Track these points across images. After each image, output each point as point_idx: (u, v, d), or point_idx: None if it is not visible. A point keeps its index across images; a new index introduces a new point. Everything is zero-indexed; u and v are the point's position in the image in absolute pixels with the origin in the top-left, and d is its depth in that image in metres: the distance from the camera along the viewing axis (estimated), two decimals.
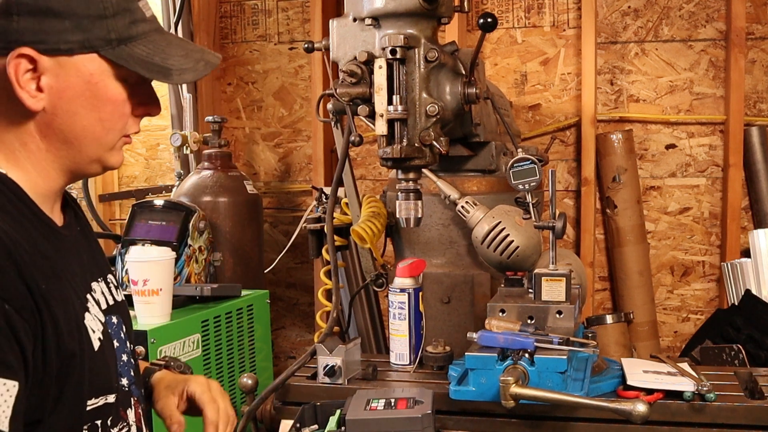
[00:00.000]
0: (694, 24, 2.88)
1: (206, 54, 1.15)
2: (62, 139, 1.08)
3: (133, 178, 3.50)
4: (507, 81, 3.03)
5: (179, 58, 1.10)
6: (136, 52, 1.07)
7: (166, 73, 1.09)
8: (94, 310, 1.11)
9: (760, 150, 2.81)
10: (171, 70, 1.09)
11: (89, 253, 1.21)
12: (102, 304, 1.16)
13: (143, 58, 1.07)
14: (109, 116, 1.09)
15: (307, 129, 3.26)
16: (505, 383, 1.34)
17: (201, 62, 1.13)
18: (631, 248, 2.88)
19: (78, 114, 1.07)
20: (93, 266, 1.19)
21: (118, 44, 1.06)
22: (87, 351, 1.05)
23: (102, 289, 1.18)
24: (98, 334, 1.09)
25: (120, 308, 1.23)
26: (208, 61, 1.13)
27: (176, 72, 1.09)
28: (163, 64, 1.08)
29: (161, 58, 1.09)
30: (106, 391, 1.10)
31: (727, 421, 1.47)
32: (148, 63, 1.07)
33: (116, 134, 1.12)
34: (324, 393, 1.64)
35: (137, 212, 2.51)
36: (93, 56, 1.06)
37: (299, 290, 3.34)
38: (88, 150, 1.10)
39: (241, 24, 3.31)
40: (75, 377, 1.03)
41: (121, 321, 1.21)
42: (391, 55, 1.54)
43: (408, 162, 1.59)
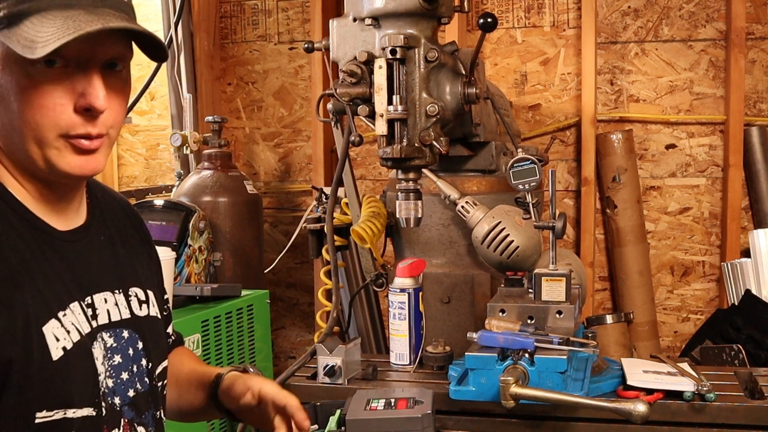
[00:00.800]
0: (694, 24, 2.88)
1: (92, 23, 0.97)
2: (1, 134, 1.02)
3: (133, 178, 3.50)
4: (507, 81, 3.03)
5: (56, 29, 0.96)
6: (22, 30, 0.96)
7: (31, 46, 0.95)
8: (72, 319, 1.03)
9: (760, 150, 2.81)
10: (36, 43, 0.95)
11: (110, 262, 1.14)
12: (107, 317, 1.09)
13: (23, 34, 0.96)
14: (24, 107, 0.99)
15: (307, 129, 3.26)
16: (505, 383, 1.34)
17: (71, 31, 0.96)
18: (631, 248, 2.88)
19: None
20: (108, 276, 1.13)
21: (8, 24, 0.97)
22: (37, 359, 0.98)
23: (116, 301, 1.12)
24: (63, 343, 1.01)
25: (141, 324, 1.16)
26: (79, 29, 0.96)
27: (41, 44, 0.94)
28: (32, 37, 0.95)
29: (36, 31, 0.96)
30: (65, 404, 1.01)
31: (727, 421, 1.47)
32: (24, 38, 0.95)
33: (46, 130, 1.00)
34: (324, 393, 1.64)
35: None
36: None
37: (299, 290, 3.34)
38: (24, 147, 1.01)
39: (241, 24, 3.31)
40: (15, 385, 0.96)
41: (137, 337, 1.14)
42: (391, 55, 1.54)
43: (408, 162, 1.59)
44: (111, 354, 1.09)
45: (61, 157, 1.01)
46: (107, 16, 1.00)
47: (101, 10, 1.00)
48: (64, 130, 1.00)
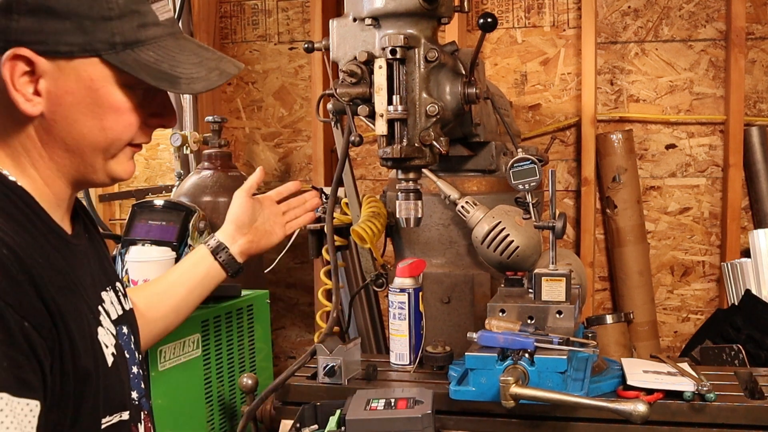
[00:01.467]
0: (694, 24, 2.88)
1: (223, 62, 1.07)
2: (63, 147, 1.03)
3: (133, 178, 3.50)
4: (507, 81, 3.03)
5: (190, 66, 1.03)
6: (142, 58, 1.00)
7: (173, 81, 1.01)
8: (106, 323, 1.07)
9: (760, 150, 2.81)
10: (179, 79, 1.01)
11: (98, 261, 1.17)
12: (112, 315, 1.12)
13: (149, 65, 1.00)
14: (113, 125, 1.03)
15: (307, 129, 3.26)
16: (505, 383, 1.34)
17: (215, 71, 1.05)
18: (631, 248, 2.88)
19: (78, 121, 1.01)
20: (102, 275, 1.15)
21: (123, 48, 0.99)
22: (101, 368, 1.02)
23: (111, 299, 1.15)
24: (111, 348, 1.05)
25: (129, 317, 1.19)
26: (223, 71, 1.05)
27: (185, 81, 1.01)
28: (171, 72, 1.01)
29: (170, 65, 1.01)
30: (120, 408, 1.07)
31: (727, 421, 1.47)
32: (155, 70, 1.00)
33: (120, 144, 1.06)
34: (324, 393, 1.64)
35: (137, 212, 2.51)
36: (94, 60, 0.99)
37: (299, 290, 3.34)
38: (91, 159, 1.05)
39: (241, 24, 3.31)
40: (91, 396, 0.99)
41: (130, 331, 1.18)
42: (391, 55, 1.54)
43: (408, 162, 1.59)
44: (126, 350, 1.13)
45: (120, 165, 1.07)
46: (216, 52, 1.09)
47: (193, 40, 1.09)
48: (132, 140, 1.07)
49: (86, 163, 1.05)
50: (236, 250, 1.64)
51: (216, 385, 2.05)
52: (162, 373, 1.83)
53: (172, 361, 1.88)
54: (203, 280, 1.61)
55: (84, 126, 1.02)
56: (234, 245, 1.64)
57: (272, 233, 1.73)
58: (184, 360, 1.93)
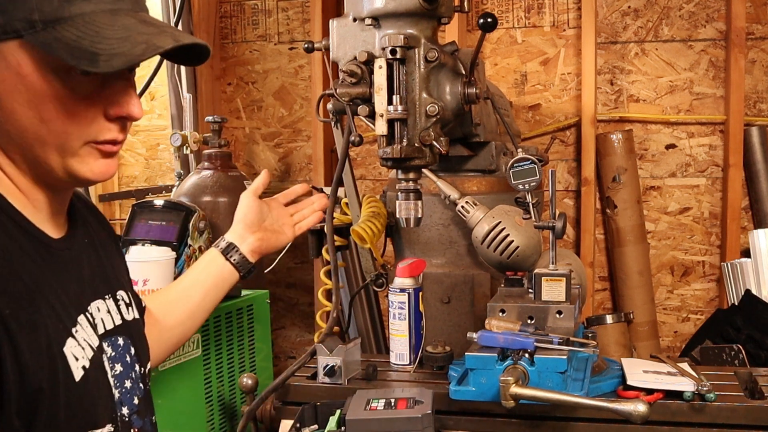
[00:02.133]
0: (694, 24, 2.88)
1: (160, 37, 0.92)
2: (12, 143, 0.93)
3: (133, 178, 3.50)
4: (507, 81, 3.03)
5: (115, 41, 0.89)
6: (63, 36, 0.88)
7: (92, 58, 0.87)
8: (83, 335, 0.98)
9: (760, 150, 2.81)
10: (98, 55, 0.87)
11: (97, 267, 1.09)
12: (102, 326, 1.05)
13: (69, 42, 0.88)
14: (52, 116, 0.91)
15: (307, 129, 3.26)
16: (505, 383, 1.34)
17: (141, 45, 0.90)
18: (631, 248, 2.88)
19: (16, 112, 0.91)
20: (99, 282, 1.08)
21: (43, 27, 0.88)
22: (63, 383, 0.92)
23: (108, 308, 1.07)
24: (83, 362, 0.96)
25: (130, 328, 1.12)
26: (151, 44, 0.91)
27: (104, 57, 0.87)
28: (90, 48, 0.88)
29: (91, 41, 0.88)
30: (92, 425, 0.98)
31: (727, 421, 1.47)
32: (73, 47, 0.87)
33: (73, 139, 0.94)
34: (324, 393, 1.64)
35: (137, 212, 2.51)
36: (16, 43, 0.89)
37: (299, 290, 3.34)
38: (43, 156, 0.94)
39: (241, 24, 3.31)
40: (45, 413, 0.90)
41: (130, 342, 1.10)
42: (391, 55, 1.54)
43: (408, 162, 1.59)
44: (113, 364, 1.06)
45: (84, 164, 0.96)
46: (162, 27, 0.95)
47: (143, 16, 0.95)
48: (92, 137, 0.95)
49: (40, 159, 0.94)
50: (247, 248, 1.63)
51: (216, 385, 2.05)
52: (162, 373, 1.83)
53: (172, 361, 1.88)
54: (216, 282, 1.57)
55: (23, 117, 0.91)
56: (244, 244, 1.63)
57: (281, 233, 1.72)
58: (184, 360, 1.93)
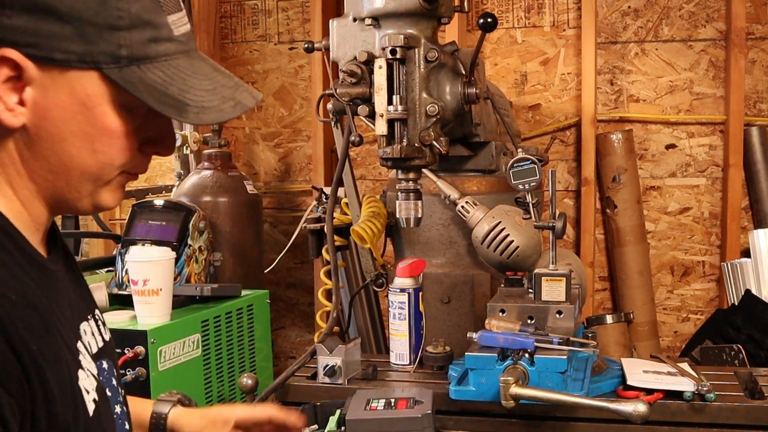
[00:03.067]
0: (694, 24, 2.88)
1: (239, 91, 0.92)
2: (46, 167, 0.89)
3: None
4: (507, 81, 3.03)
5: (202, 92, 0.89)
6: (149, 77, 0.86)
7: (180, 108, 0.87)
8: (86, 363, 0.93)
9: (760, 150, 2.81)
10: (188, 106, 0.87)
11: (76, 286, 1.04)
12: (92, 348, 0.98)
13: (156, 86, 0.86)
14: (105, 149, 0.89)
15: (307, 129, 3.26)
16: (505, 383, 1.34)
17: (229, 102, 0.90)
18: (631, 248, 2.88)
19: (66, 140, 0.87)
20: (81, 303, 1.02)
21: (128, 64, 0.85)
22: (82, 418, 0.87)
23: (92, 330, 1.01)
24: (93, 394, 0.91)
25: (109, 349, 1.05)
26: (238, 102, 0.90)
27: (194, 109, 0.87)
28: (179, 97, 0.87)
29: (179, 89, 0.87)
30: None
31: (727, 421, 1.47)
32: (161, 93, 0.86)
33: (113, 170, 0.91)
34: (324, 393, 1.64)
35: (137, 212, 2.51)
36: (93, 74, 0.85)
37: (299, 290, 3.34)
38: (77, 184, 0.91)
39: (241, 24, 3.31)
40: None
41: (111, 365, 1.04)
42: (391, 55, 1.54)
43: (408, 162, 1.59)
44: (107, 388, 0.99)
45: (109, 193, 0.94)
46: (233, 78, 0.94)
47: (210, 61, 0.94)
48: (126, 168, 0.93)
49: (71, 187, 0.91)
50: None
51: (216, 385, 2.05)
52: (162, 373, 1.83)
53: (172, 361, 1.88)
54: None
55: (72, 146, 0.88)
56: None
57: None
58: (184, 360, 1.93)
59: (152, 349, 1.82)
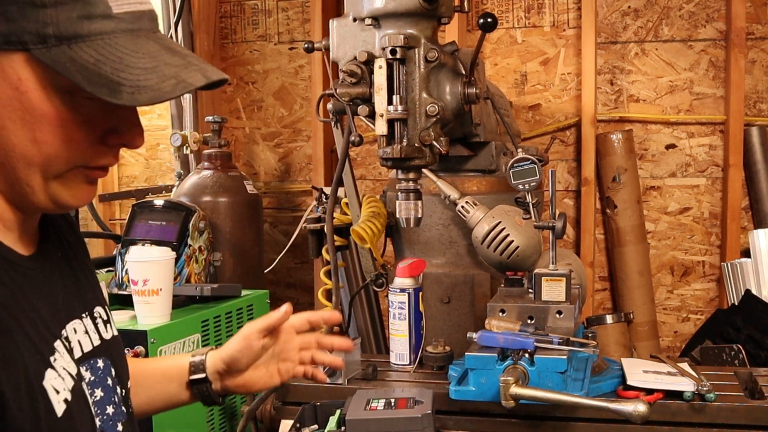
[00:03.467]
0: (694, 24, 2.88)
1: (189, 70, 0.84)
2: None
3: (133, 178, 3.50)
4: (507, 81, 3.03)
5: (140, 70, 0.81)
6: (80, 56, 0.79)
7: (113, 88, 0.79)
8: (62, 362, 0.88)
9: (760, 150, 2.81)
10: (121, 86, 0.79)
11: (71, 283, 0.99)
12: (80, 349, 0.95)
13: (87, 65, 0.79)
14: (47, 138, 0.82)
15: (307, 129, 3.26)
16: (505, 383, 1.34)
17: (170, 80, 0.82)
18: (631, 248, 2.88)
19: (6, 129, 0.82)
20: (74, 300, 0.98)
21: (57, 43, 0.79)
22: (45, 420, 0.83)
23: (86, 328, 0.98)
24: (64, 394, 0.87)
25: (110, 347, 1.02)
26: (182, 80, 0.82)
27: (128, 89, 0.79)
28: (112, 76, 0.79)
29: (113, 68, 0.79)
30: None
31: (727, 421, 1.47)
32: (92, 72, 0.79)
33: (60, 162, 0.85)
34: (324, 393, 1.64)
35: (137, 212, 2.51)
36: (21, 56, 0.80)
37: (299, 290, 3.34)
38: (26, 176, 0.84)
39: (241, 24, 3.31)
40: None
41: (110, 363, 1.01)
42: (391, 55, 1.54)
43: (408, 162, 1.59)
44: (92, 389, 0.96)
45: (66, 189, 0.87)
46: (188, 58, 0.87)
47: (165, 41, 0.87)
48: (84, 161, 0.87)
49: (21, 180, 0.85)
50: (218, 386, 1.33)
51: None
52: None
53: None
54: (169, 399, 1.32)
55: (13, 135, 0.82)
56: (217, 382, 1.33)
57: (270, 376, 1.37)
58: None
59: (152, 349, 1.82)
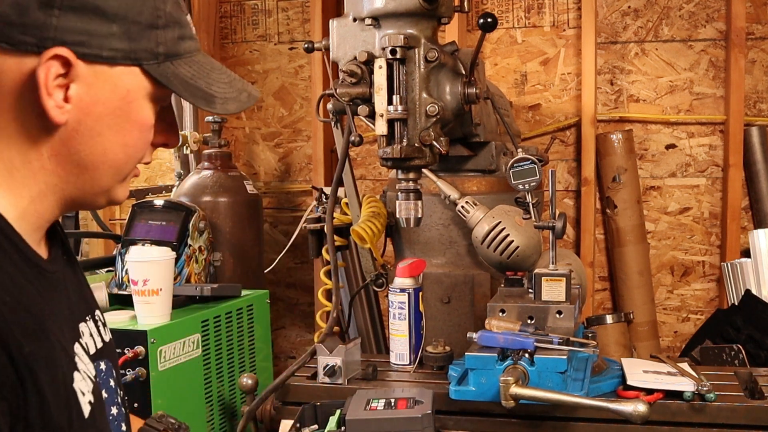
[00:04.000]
0: (694, 24, 2.88)
1: (246, 85, 1.01)
2: (75, 162, 0.90)
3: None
4: (507, 81, 3.03)
5: (223, 85, 0.96)
6: (180, 72, 0.92)
7: (209, 99, 0.94)
8: (83, 366, 0.93)
9: (760, 150, 2.81)
10: (215, 97, 0.94)
11: (77, 288, 1.04)
12: (90, 349, 0.99)
13: (187, 80, 0.92)
14: (135, 142, 0.94)
15: (307, 129, 3.26)
16: (505, 383, 1.34)
17: (244, 93, 0.98)
18: (631, 248, 2.88)
19: (102, 135, 0.90)
20: (81, 304, 1.03)
21: (164, 60, 0.91)
22: (77, 422, 0.87)
23: (90, 331, 1.02)
24: (89, 396, 0.91)
25: (108, 350, 1.06)
26: (250, 93, 0.99)
27: (219, 100, 0.95)
28: (207, 90, 0.94)
29: (206, 83, 0.94)
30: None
31: (727, 421, 1.47)
32: (192, 86, 0.93)
33: (134, 164, 0.96)
34: (324, 393, 1.65)
35: (137, 212, 2.51)
36: (135, 70, 0.90)
37: (299, 290, 3.34)
38: (102, 178, 0.93)
39: (241, 24, 3.31)
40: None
41: (110, 365, 1.05)
42: (391, 55, 1.54)
43: (408, 162, 1.59)
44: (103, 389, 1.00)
45: (122, 189, 0.98)
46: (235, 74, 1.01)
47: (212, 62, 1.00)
48: (140, 161, 0.98)
49: (95, 182, 0.94)
50: None
51: (216, 385, 2.05)
52: (162, 373, 1.83)
53: (172, 361, 1.88)
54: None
55: (107, 140, 0.91)
56: None
57: None
58: (184, 360, 1.93)
59: (152, 349, 1.82)
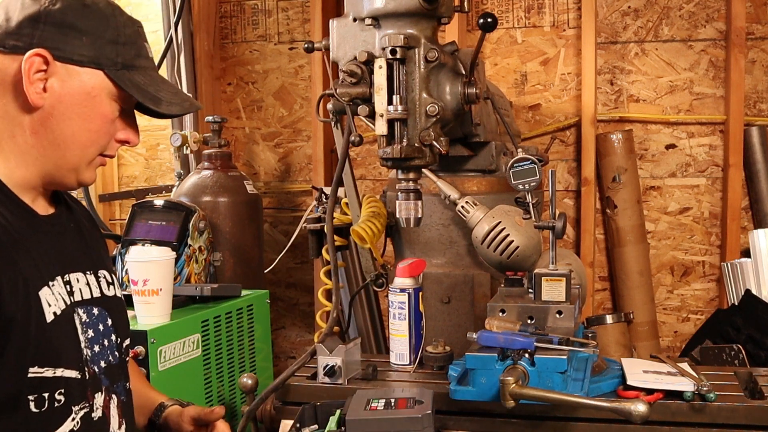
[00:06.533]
0: (694, 24, 2.88)
1: (189, 97, 1.33)
2: (50, 139, 1.19)
3: (133, 178, 3.50)
4: (507, 81, 3.03)
5: (169, 93, 1.26)
6: (135, 79, 1.22)
7: (156, 101, 1.23)
8: (58, 289, 1.18)
9: (760, 150, 2.81)
10: (161, 100, 1.23)
11: (80, 247, 1.30)
12: (80, 294, 1.23)
13: (140, 85, 1.22)
14: (97, 129, 1.22)
15: (307, 129, 3.26)
16: (505, 383, 1.34)
17: (186, 102, 1.29)
18: (631, 248, 2.88)
19: (71, 119, 1.19)
20: (81, 258, 1.28)
21: (122, 68, 1.21)
22: (34, 319, 1.12)
23: (88, 281, 1.27)
24: (54, 308, 1.16)
25: (109, 303, 1.30)
26: (192, 103, 1.32)
27: (165, 103, 1.24)
28: (155, 94, 1.23)
29: (154, 89, 1.23)
30: (55, 364, 1.15)
31: (727, 421, 1.47)
32: (143, 90, 1.22)
33: (97, 149, 1.23)
34: (324, 393, 1.65)
35: (137, 212, 2.51)
36: (99, 73, 1.19)
37: (299, 290, 3.34)
38: (71, 156, 1.21)
39: (241, 24, 3.31)
40: (16, 342, 1.10)
41: (107, 314, 1.29)
42: (391, 55, 1.54)
43: (408, 162, 1.59)
44: (85, 328, 1.23)
45: (89, 171, 1.25)
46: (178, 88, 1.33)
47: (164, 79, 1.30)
48: (105, 150, 1.25)
49: (65, 160, 1.21)
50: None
51: (216, 385, 2.05)
52: (162, 373, 1.83)
53: (172, 361, 1.88)
54: None
55: (75, 124, 1.19)
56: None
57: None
58: (184, 360, 1.93)
59: (152, 349, 1.82)
